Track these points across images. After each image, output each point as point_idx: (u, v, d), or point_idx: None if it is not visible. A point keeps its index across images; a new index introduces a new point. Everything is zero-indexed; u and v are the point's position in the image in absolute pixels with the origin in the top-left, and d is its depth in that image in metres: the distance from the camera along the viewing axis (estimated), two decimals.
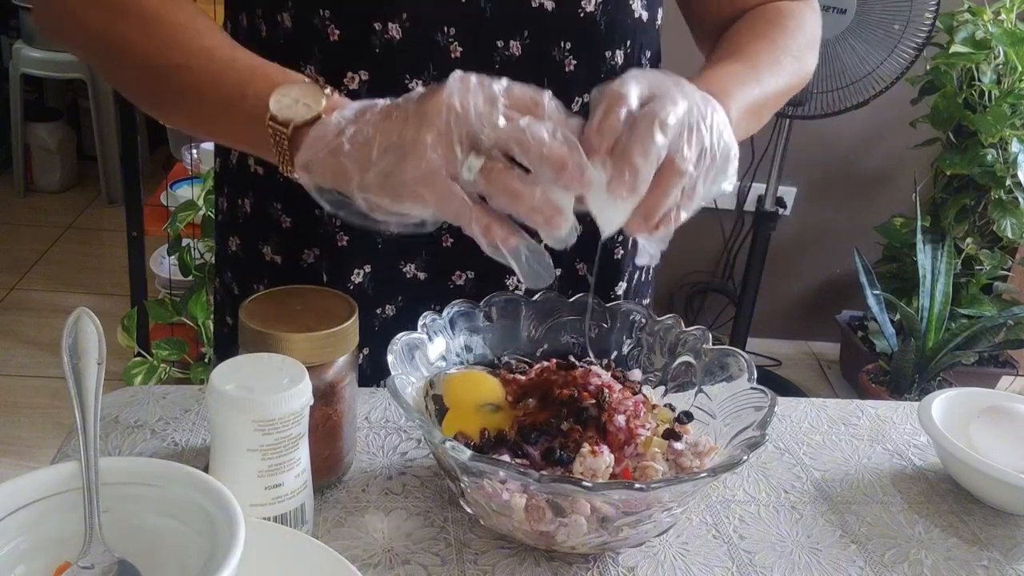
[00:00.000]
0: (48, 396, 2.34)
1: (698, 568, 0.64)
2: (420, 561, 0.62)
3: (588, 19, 0.76)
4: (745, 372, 0.67)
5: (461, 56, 0.74)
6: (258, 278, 0.86)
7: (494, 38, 0.74)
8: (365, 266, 0.81)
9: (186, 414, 0.75)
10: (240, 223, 0.86)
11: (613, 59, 0.79)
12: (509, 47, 0.75)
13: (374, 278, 0.82)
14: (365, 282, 0.82)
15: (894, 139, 2.63)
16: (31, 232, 3.24)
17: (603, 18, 0.77)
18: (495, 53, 0.75)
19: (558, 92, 0.75)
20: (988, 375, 2.54)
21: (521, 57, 0.75)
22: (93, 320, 0.53)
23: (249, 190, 0.84)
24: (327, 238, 0.81)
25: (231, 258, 0.89)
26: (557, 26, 0.75)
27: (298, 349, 0.61)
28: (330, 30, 0.74)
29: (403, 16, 0.73)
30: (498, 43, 0.75)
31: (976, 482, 0.74)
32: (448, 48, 0.74)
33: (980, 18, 2.30)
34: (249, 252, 0.86)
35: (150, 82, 0.68)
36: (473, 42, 0.74)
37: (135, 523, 0.51)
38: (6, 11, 3.40)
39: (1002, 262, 2.50)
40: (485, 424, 0.65)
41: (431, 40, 0.74)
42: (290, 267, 0.83)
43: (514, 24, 0.74)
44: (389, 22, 0.73)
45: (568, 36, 0.76)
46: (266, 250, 0.84)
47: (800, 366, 2.86)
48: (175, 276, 2.21)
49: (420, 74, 0.74)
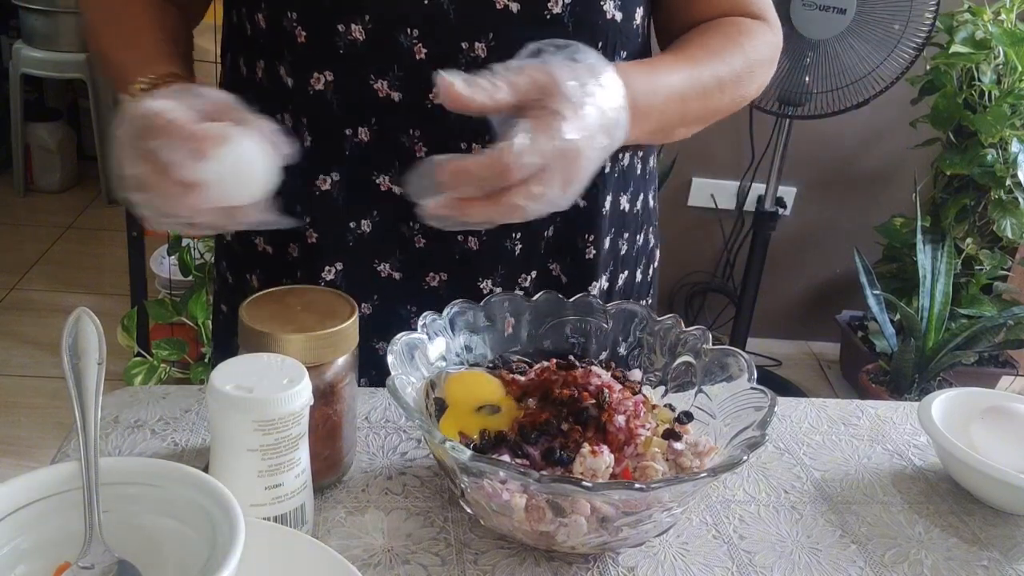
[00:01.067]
0: (48, 396, 2.34)
1: (698, 568, 0.64)
2: (420, 561, 0.62)
3: (554, 20, 0.75)
4: (745, 372, 0.67)
5: (426, 57, 0.74)
6: (250, 268, 0.87)
7: (458, 39, 0.74)
8: (337, 263, 0.81)
9: (186, 414, 0.75)
10: None
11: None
12: (474, 48, 0.74)
13: (347, 276, 0.82)
14: (338, 279, 0.82)
15: (894, 139, 2.63)
16: (31, 232, 3.24)
17: (571, 19, 0.76)
18: (460, 55, 0.74)
19: None
20: (988, 375, 2.55)
21: (486, 58, 0.75)
22: (93, 320, 0.53)
23: None
24: (299, 234, 0.81)
25: (226, 248, 0.91)
26: (522, 28, 0.74)
27: (298, 349, 0.61)
28: (297, 31, 0.75)
29: (366, 17, 0.73)
30: (463, 44, 0.74)
31: (976, 482, 0.74)
32: (412, 49, 0.74)
33: (980, 18, 2.30)
34: (243, 242, 0.87)
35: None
36: (437, 43, 0.74)
37: (135, 523, 0.51)
38: (6, 11, 3.40)
39: (1002, 262, 2.51)
40: (484, 425, 0.65)
41: (395, 41, 0.74)
42: (278, 258, 0.84)
43: (479, 26, 0.74)
44: (352, 23, 0.73)
45: (534, 37, 0.74)
46: (258, 240, 0.85)
47: (800, 366, 2.86)
48: (175, 276, 2.21)
49: (385, 75, 0.74)
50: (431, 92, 0.74)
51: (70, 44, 3.24)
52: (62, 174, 3.52)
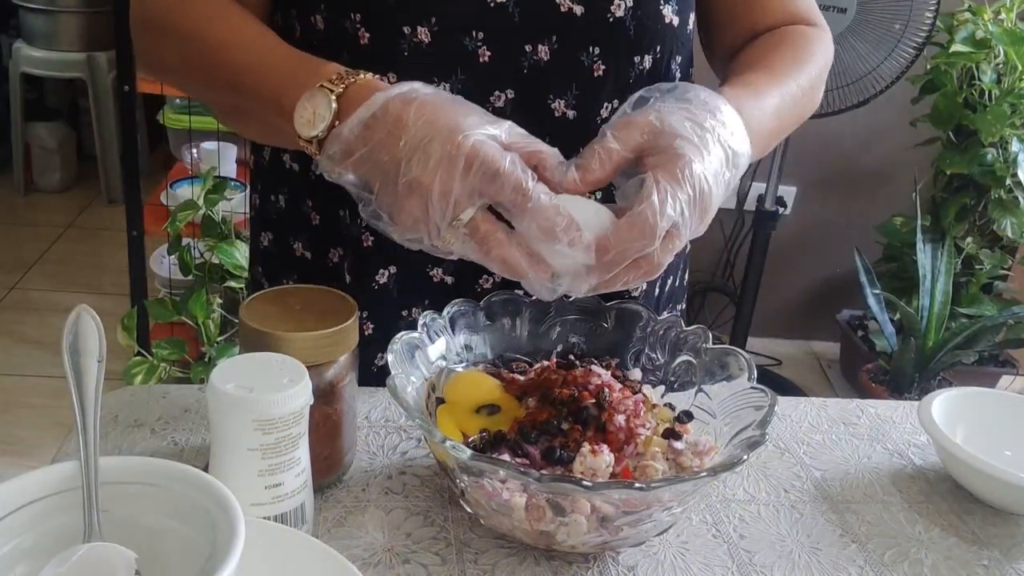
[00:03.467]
0: (48, 395, 2.34)
1: (698, 567, 0.64)
2: (420, 560, 0.62)
3: (617, 24, 0.76)
4: (745, 371, 0.67)
5: (489, 60, 0.74)
6: (288, 273, 0.87)
7: (522, 42, 0.74)
8: (390, 267, 0.81)
9: (186, 413, 0.75)
10: (273, 219, 0.87)
11: (642, 64, 0.79)
12: (537, 51, 0.74)
13: (399, 280, 0.81)
14: (390, 283, 0.81)
15: (894, 138, 2.63)
16: (31, 232, 3.24)
17: (632, 23, 0.76)
18: (523, 57, 0.74)
19: (586, 96, 0.77)
20: (988, 374, 2.54)
21: (549, 61, 0.75)
22: (93, 317, 0.53)
23: (283, 186, 0.85)
24: (351, 238, 0.81)
25: (263, 253, 0.90)
26: (585, 31, 0.75)
27: (298, 348, 0.61)
28: (360, 33, 0.74)
29: (431, 20, 0.73)
30: (526, 47, 0.74)
31: (976, 482, 0.74)
32: (476, 52, 0.74)
33: (980, 17, 2.30)
34: (281, 247, 0.87)
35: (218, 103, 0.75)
36: (501, 46, 0.74)
37: (135, 522, 0.51)
38: (6, 10, 3.39)
39: (1002, 261, 2.50)
40: (484, 425, 0.65)
41: (459, 44, 0.73)
42: (318, 264, 0.84)
43: (542, 28, 0.74)
44: (418, 26, 0.73)
45: (596, 41, 0.76)
46: (297, 245, 0.85)
47: (800, 365, 2.86)
48: (175, 275, 2.21)
49: (448, 77, 0.74)
50: (493, 95, 0.75)
51: (70, 44, 3.24)
52: (62, 174, 3.52)
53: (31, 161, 3.46)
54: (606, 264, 0.58)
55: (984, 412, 0.80)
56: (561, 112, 0.77)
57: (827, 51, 0.83)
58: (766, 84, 0.73)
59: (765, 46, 0.81)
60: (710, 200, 0.60)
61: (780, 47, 0.81)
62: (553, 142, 0.62)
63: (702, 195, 0.59)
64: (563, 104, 0.77)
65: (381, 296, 0.82)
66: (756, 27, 0.84)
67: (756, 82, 0.73)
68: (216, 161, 2.22)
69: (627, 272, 0.59)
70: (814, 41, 0.82)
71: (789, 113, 0.75)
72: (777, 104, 0.73)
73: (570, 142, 0.77)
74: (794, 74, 0.76)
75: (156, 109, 2.59)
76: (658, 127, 0.60)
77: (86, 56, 3.23)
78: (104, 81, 3.27)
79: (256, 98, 0.67)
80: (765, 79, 0.74)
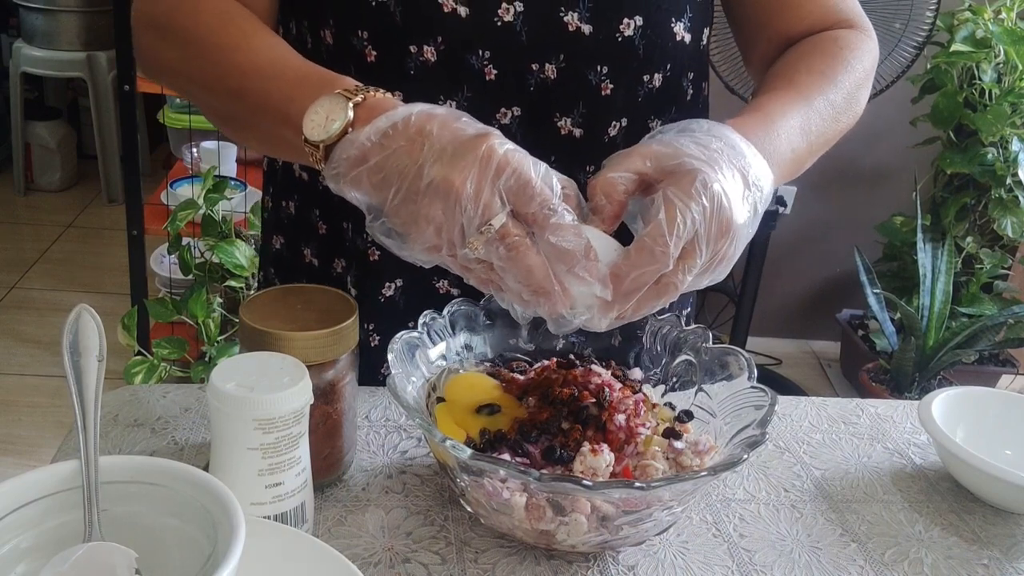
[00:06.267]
0: (48, 395, 2.34)
1: (698, 567, 0.64)
2: (420, 560, 0.62)
3: (626, 43, 0.75)
4: (745, 371, 0.67)
5: (495, 78, 0.74)
6: (298, 277, 0.87)
7: (529, 61, 0.74)
8: (397, 280, 0.81)
9: (186, 413, 0.75)
10: (284, 223, 0.88)
11: (651, 82, 0.78)
12: (544, 69, 0.74)
13: (406, 292, 0.82)
14: (396, 295, 0.82)
15: (894, 138, 2.63)
16: (31, 231, 3.24)
17: (642, 42, 0.75)
18: (529, 75, 0.74)
19: (593, 115, 0.77)
20: (988, 374, 2.54)
21: (556, 79, 0.74)
22: (93, 316, 0.53)
23: (294, 193, 0.86)
24: (357, 251, 0.81)
25: (274, 255, 0.91)
26: (593, 49, 0.74)
27: (298, 348, 0.61)
28: (367, 50, 0.74)
29: (438, 40, 0.72)
30: (533, 65, 0.74)
31: (976, 481, 0.74)
32: (483, 70, 0.73)
33: (981, 17, 2.30)
34: (292, 251, 0.88)
35: (217, 109, 0.73)
36: (507, 64, 0.74)
37: (135, 522, 0.51)
38: (6, 9, 3.40)
39: (1002, 261, 2.50)
40: (484, 425, 0.65)
41: (466, 62, 0.73)
42: (325, 271, 0.85)
43: (549, 47, 0.73)
44: (425, 44, 0.73)
45: (605, 60, 0.75)
46: (307, 251, 0.86)
47: (800, 365, 2.86)
48: (175, 275, 2.21)
49: (454, 95, 0.74)
50: (499, 112, 0.74)
51: (70, 43, 3.24)
52: (62, 173, 3.52)
53: (31, 160, 3.46)
54: (624, 294, 0.57)
55: (984, 411, 0.81)
56: (568, 130, 0.76)
57: (867, 56, 0.78)
58: (787, 104, 0.70)
59: (793, 58, 0.78)
60: (730, 215, 0.57)
61: (809, 59, 0.76)
62: (559, 160, 0.61)
63: (719, 208, 0.56)
64: (570, 122, 0.76)
65: (388, 309, 0.82)
66: (790, 33, 0.80)
67: (769, 105, 0.70)
68: (216, 160, 2.22)
69: (648, 299, 0.58)
70: (851, 47, 0.77)
71: (820, 130, 0.72)
72: (801, 124, 0.69)
73: (576, 160, 0.77)
74: (824, 88, 0.73)
75: (156, 108, 2.60)
76: (660, 151, 0.59)
77: (86, 55, 3.23)
78: (104, 80, 3.27)
79: (260, 104, 0.66)
80: (784, 99, 0.71)
